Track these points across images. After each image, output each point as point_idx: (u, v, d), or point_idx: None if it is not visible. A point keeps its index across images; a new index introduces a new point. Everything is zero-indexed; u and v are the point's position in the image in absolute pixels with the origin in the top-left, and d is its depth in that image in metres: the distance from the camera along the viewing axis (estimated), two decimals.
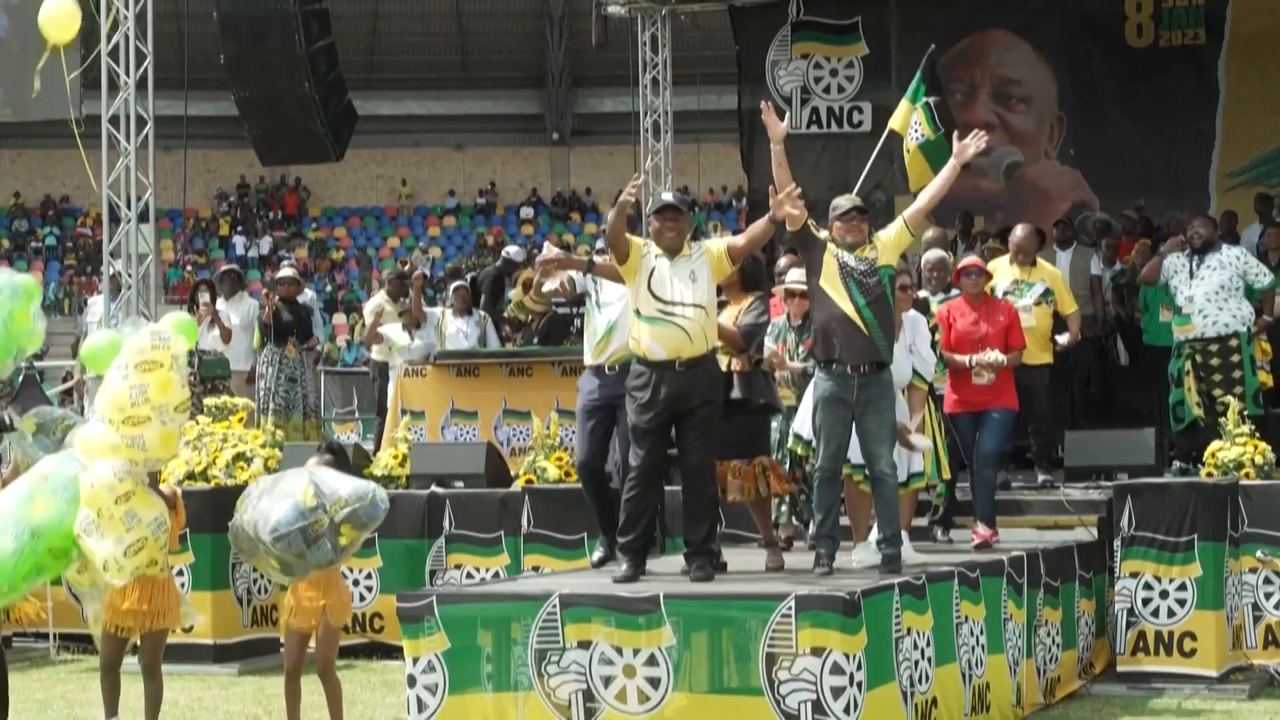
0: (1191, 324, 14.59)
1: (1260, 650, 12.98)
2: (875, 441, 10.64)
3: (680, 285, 10.24)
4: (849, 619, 9.23)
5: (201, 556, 14.35)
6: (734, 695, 9.30)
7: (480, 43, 43.24)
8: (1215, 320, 14.48)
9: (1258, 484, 13.17)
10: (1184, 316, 14.64)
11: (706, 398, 10.22)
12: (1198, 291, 14.54)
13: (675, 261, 10.30)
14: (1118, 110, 22.25)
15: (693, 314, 10.20)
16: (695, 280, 10.25)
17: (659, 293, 10.25)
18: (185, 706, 12.45)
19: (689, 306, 10.20)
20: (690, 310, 10.20)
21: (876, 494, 10.87)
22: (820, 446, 10.82)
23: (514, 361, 16.74)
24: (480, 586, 10.85)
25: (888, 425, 10.69)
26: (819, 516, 10.82)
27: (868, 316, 10.49)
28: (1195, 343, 14.60)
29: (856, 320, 10.50)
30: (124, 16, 17.45)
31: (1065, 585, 12.57)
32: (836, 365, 10.57)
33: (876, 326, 10.52)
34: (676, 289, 10.23)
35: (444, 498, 14.76)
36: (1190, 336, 14.61)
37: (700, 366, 10.20)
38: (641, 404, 10.23)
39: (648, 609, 9.50)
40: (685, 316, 10.19)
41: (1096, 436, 14.73)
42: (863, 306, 10.49)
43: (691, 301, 10.20)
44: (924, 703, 10.19)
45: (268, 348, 17.58)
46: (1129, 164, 21.62)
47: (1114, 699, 12.32)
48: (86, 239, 40.15)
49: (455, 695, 9.81)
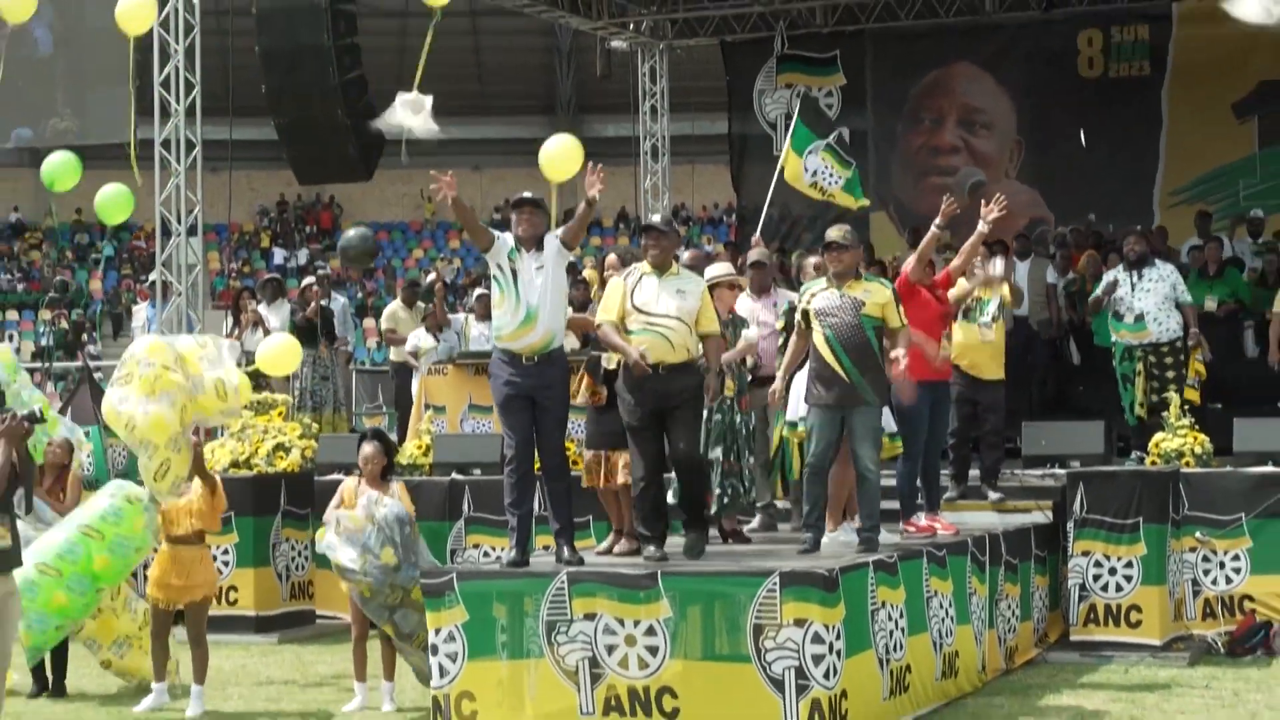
0: (1147, 330, 14.59)
1: (1199, 621, 12.98)
2: (859, 441, 10.56)
3: (666, 299, 10.14)
4: (828, 593, 9.25)
5: (244, 536, 14.38)
6: (725, 662, 9.32)
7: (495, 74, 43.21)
8: (1166, 327, 14.56)
9: (1196, 471, 13.18)
10: (1139, 324, 14.65)
11: (688, 397, 10.09)
12: (1149, 303, 14.56)
13: (663, 279, 10.19)
14: (1071, 135, 22.24)
15: (674, 325, 10.09)
16: (682, 296, 10.14)
17: (643, 307, 10.13)
18: (230, 672, 12.45)
19: (671, 319, 10.10)
20: (673, 322, 10.10)
21: (860, 489, 10.78)
22: (810, 444, 10.80)
23: None
24: (496, 565, 10.80)
25: (871, 427, 10.60)
26: (807, 507, 10.74)
27: (842, 356, 10.40)
28: (1148, 347, 14.62)
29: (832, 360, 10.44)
30: (174, 50, 17.46)
31: (1023, 563, 12.56)
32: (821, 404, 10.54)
33: (852, 366, 10.40)
34: (662, 302, 10.14)
35: (463, 484, 14.77)
36: (1144, 342, 14.62)
37: (682, 370, 10.07)
38: (630, 405, 10.12)
39: (647, 584, 9.51)
40: (668, 327, 10.10)
41: (1051, 428, 14.71)
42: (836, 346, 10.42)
43: (674, 315, 10.09)
44: (899, 669, 10.21)
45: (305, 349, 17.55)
46: (1081, 183, 21.60)
47: (1067, 665, 12.32)
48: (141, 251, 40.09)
49: (473, 662, 9.82)
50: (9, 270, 42.15)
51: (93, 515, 11.42)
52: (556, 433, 10.09)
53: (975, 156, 22.98)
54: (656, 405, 10.07)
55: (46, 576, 11.03)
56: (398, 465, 14.26)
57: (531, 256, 9.98)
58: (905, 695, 10.27)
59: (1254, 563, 12.82)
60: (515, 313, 9.91)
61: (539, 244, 10.00)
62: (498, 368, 10.07)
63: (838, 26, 23.31)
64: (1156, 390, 14.36)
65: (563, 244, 10.14)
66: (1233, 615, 12.94)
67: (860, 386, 10.44)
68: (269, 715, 11.21)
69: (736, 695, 9.26)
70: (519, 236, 10.04)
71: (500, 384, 10.05)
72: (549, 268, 9.98)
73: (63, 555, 11.15)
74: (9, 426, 9.07)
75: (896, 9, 22.89)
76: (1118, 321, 14.81)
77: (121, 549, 11.40)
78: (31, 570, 10.69)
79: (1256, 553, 12.78)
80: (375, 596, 10.48)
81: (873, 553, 10.27)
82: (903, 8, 22.88)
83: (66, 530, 11.34)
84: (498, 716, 9.73)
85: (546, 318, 9.93)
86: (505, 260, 9.99)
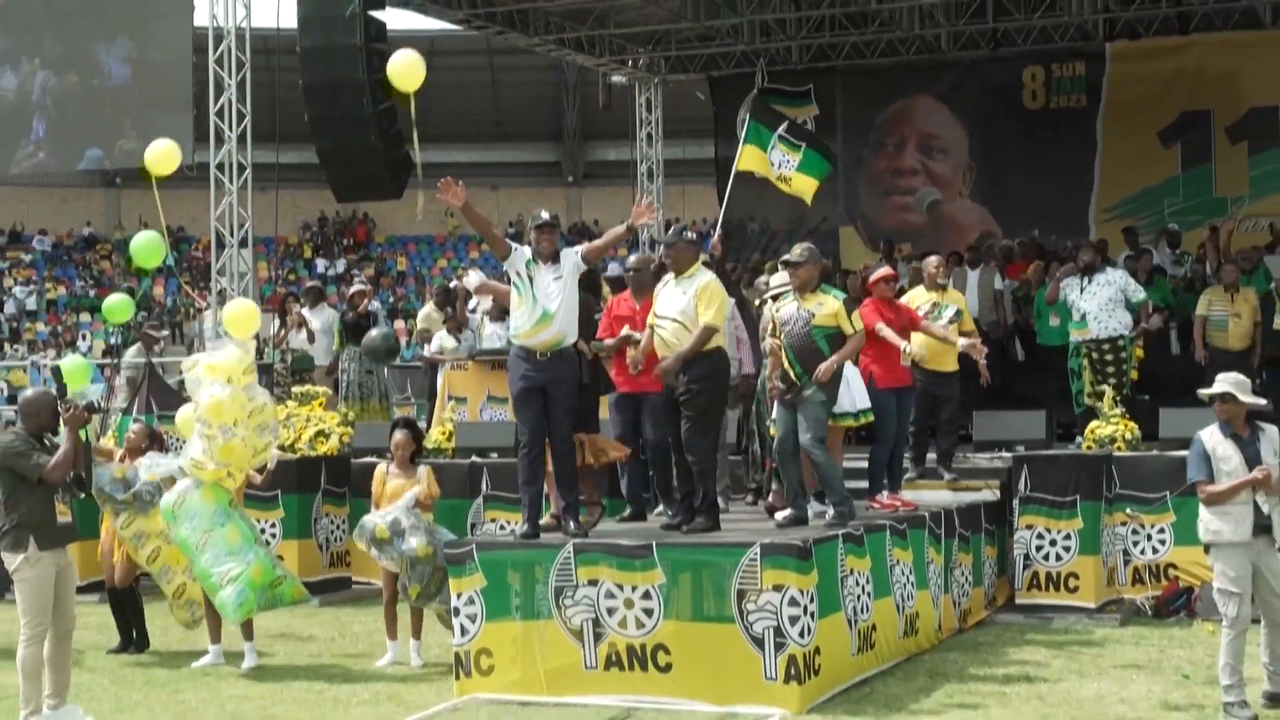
0: (1088, 328, 14.68)
1: (1129, 587, 12.96)
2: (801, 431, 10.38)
3: (670, 301, 10.14)
4: (803, 562, 9.24)
5: (289, 512, 14.37)
6: (712, 623, 9.30)
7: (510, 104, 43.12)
8: (1107, 326, 14.62)
9: (1127, 455, 13.17)
10: (1082, 323, 14.70)
11: (688, 386, 10.00)
12: (1092, 304, 14.66)
13: (679, 281, 10.18)
14: (1017, 159, 22.26)
15: (669, 325, 10.08)
16: (684, 296, 10.09)
17: (657, 310, 10.20)
18: (276, 633, 12.42)
19: (668, 320, 10.10)
20: (668, 322, 10.10)
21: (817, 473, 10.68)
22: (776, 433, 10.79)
23: None
24: (511, 537, 10.78)
25: (813, 418, 10.38)
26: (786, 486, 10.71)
27: (790, 355, 10.36)
28: (1091, 343, 14.67)
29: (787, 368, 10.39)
30: (228, 84, 17.46)
31: (974, 535, 12.55)
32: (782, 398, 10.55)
33: (796, 360, 10.33)
34: (666, 305, 10.14)
35: (482, 466, 14.73)
36: (1087, 339, 14.69)
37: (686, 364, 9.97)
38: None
39: (643, 554, 9.49)
40: (664, 327, 10.11)
41: (999, 417, 14.69)
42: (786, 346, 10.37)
43: (671, 316, 10.08)
44: (866, 629, 10.19)
45: (348, 347, 17.50)
46: (1025, 201, 21.60)
47: (1013, 626, 12.30)
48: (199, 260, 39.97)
49: (491, 622, 9.80)
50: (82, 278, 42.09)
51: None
52: (565, 421, 10.02)
53: (932, 178, 23.02)
54: (668, 394, 10.12)
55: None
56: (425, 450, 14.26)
57: (549, 268, 9.92)
58: (871, 652, 10.25)
59: (1177, 535, 12.79)
60: (531, 314, 9.87)
61: (555, 258, 9.96)
62: (515, 363, 10.02)
63: (811, 63, 23.32)
64: (1100, 382, 14.40)
65: (582, 258, 10.12)
66: (1159, 581, 12.93)
67: (798, 374, 10.35)
68: (312, 669, 11.19)
69: (722, 652, 9.25)
70: (538, 251, 9.98)
71: (516, 377, 9.99)
72: (566, 278, 9.94)
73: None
74: (73, 415, 9.15)
75: (863, 48, 22.92)
76: (1069, 321, 14.87)
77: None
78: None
79: (1179, 527, 12.74)
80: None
81: (843, 526, 10.26)
82: (869, 47, 22.90)
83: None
84: (512, 671, 9.71)
85: (560, 320, 9.88)
86: (523, 268, 9.95)
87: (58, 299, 40.59)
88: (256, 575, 10.77)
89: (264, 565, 10.85)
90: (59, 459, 9.09)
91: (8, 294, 40.38)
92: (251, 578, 10.74)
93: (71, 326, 39.31)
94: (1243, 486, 8.61)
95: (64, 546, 9.26)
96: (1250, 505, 8.62)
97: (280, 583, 10.95)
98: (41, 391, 9.98)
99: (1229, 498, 8.65)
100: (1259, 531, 8.65)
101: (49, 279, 41.37)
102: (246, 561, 10.77)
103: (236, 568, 10.73)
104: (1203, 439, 8.84)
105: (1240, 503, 8.66)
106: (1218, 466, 8.70)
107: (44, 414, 9.36)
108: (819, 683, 9.34)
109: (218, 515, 10.87)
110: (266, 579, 10.82)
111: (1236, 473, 8.65)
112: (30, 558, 9.03)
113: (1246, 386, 8.84)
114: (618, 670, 9.46)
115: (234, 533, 10.85)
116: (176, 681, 10.87)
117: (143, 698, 10.26)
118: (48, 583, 9.08)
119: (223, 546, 10.81)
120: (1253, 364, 15.55)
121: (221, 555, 10.78)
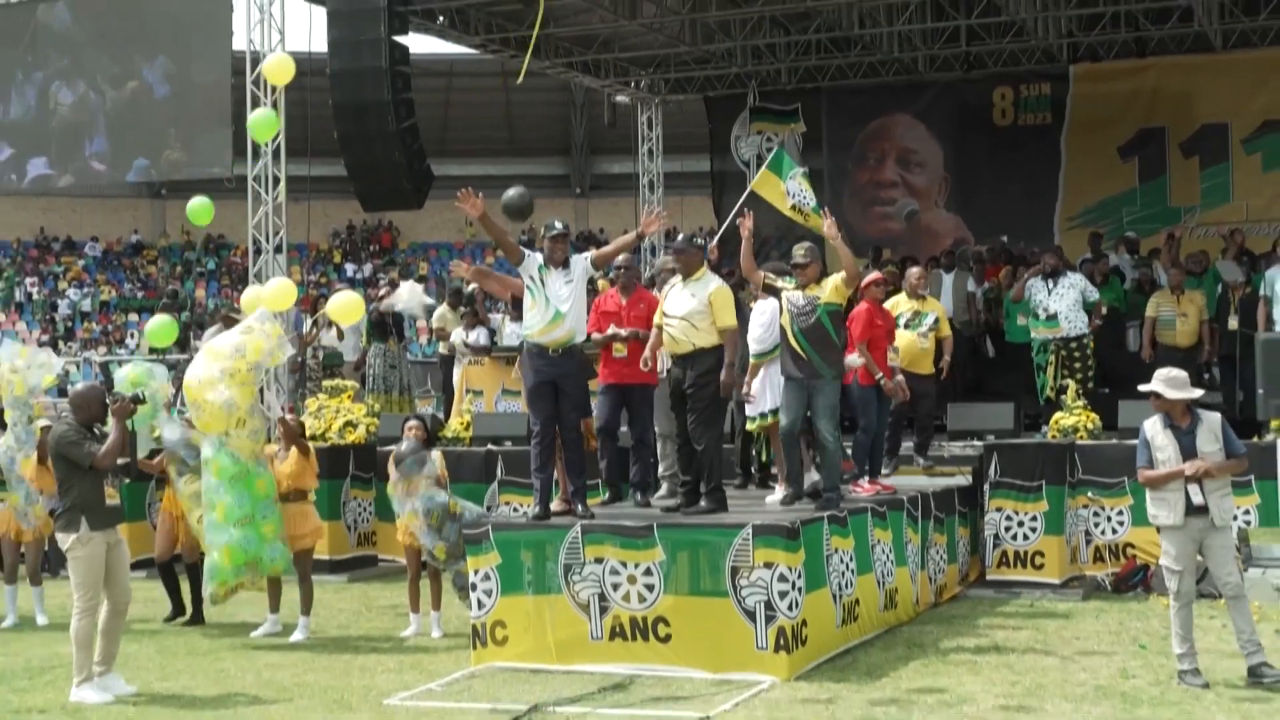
0: (1059, 327, 14.69)
1: (1090, 564, 12.99)
2: (818, 415, 10.47)
3: (678, 303, 10.09)
4: (791, 541, 9.23)
5: (320, 496, 14.15)
6: (708, 597, 9.29)
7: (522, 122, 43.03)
8: (1074, 325, 14.66)
9: (1089, 444, 13.19)
10: (1052, 322, 14.70)
11: (694, 380, 9.98)
12: (1061, 305, 14.71)
13: (686, 284, 10.14)
14: (988, 172, 22.25)
15: (677, 324, 10.04)
16: (693, 298, 10.04)
17: (667, 310, 10.17)
18: None
19: (676, 319, 10.06)
20: (676, 322, 10.05)
21: (822, 458, 10.69)
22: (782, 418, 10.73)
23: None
24: (523, 519, 10.77)
25: (829, 404, 10.47)
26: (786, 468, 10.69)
27: (803, 343, 10.38)
28: (1059, 341, 14.67)
29: (796, 346, 10.42)
30: (264, 102, 17.41)
31: (949, 517, 12.54)
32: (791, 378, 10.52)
33: (811, 349, 10.38)
34: (675, 306, 10.11)
35: (497, 453, 14.75)
36: (1056, 337, 14.69)
37: (690, 359, 9.99)
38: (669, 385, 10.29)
39: (645, 534, 9.49)
40: (673, 326, 10.08)
41: (971, 408, 14.72)
42: (799, 335, 10.39)
43: (681, 316, 10.03)
44: (849, 602, 10.19)
45: (375, 344, 17.49)
46: (995, 210, 21.59)
47: (984, 599, 12.29)
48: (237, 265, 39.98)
49: (505, 597, 9.79)
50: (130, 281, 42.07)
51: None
52: (574, 413, 10.00)
53: (911, 189, 23.01)
54: (675, 388, 10.11)
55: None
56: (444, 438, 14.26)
57: (560, 273, 9.91)
58: (855, 624, 10.25)
59: (1134, 517, 12.82)
60: (544, 314, 9.86)
61: (566, 263, 9.94)
62: (528, 358, 10.00)
63: (799, 84, 23.33)
64: (1067, 376, 14.40)
65: (591, 264, 10.14)
66: (1118, 559, 12.97)
67: (818, 363, 10.39)
68: (341, 639, 11.19)
69: (717, 624, 9.24)
70: (550, 257, 9.95)
71: (530, 372, 9.98)
72: (576, 282, 9.94)
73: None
74: (120, 406, 9.25)
75: (847, 70, 22.91)
76: (1035, 320, 14.85)
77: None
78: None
79: (1136, 509, 12.77)
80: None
81: (829, 509, 10.25)
82: (852, 69, 22.89)
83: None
84: (524, 641, 9.70)
85: (570, 320, 9.87)
86: (535, 273, 9.94)
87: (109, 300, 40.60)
88: (225, 558, 10.81)
89: (234, 549, 10.84)
90: (108, 447, 9.13)
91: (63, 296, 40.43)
92: (219, 560, 10.83)
93: (121, 326, 39.36)
94: (1172, 477, 8.68)
95: (114, 526, 9.32)
96: (1182, 492, 8.69)
97: (257, 562, 10.94)
98: (91, 385, 10.00)
99: (1161, 484, 8.74)
100: (1192, 513, 8.70)
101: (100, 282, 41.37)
102: (222, 542, 10.80)
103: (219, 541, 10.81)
104: (1145, 429, 8.91)
105: (1173, 489, 8.73)
106: (1155, 455, 8.78)
107: (94, 406, 9.40)
108: (806, 652, 9.34)
109: (216, 489, 10.87)
110: (236, 560, 10.84)
111: (1170, 460, 8.70)
112: (82, 537, 9.08)
113: (1179, 382, 8.85)
114: (621, 641, 9.45)
115: (220, 510, 10.87)
116: (217, 651, 10.87)
117: (185, 666, 10.26)
118: (99, 560, 9.13)
119: (210, 520, 10.93)
120: (1200, 359, 15.57)
121: (211, 526, 10.92)
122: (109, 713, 8.71)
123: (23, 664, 10.48)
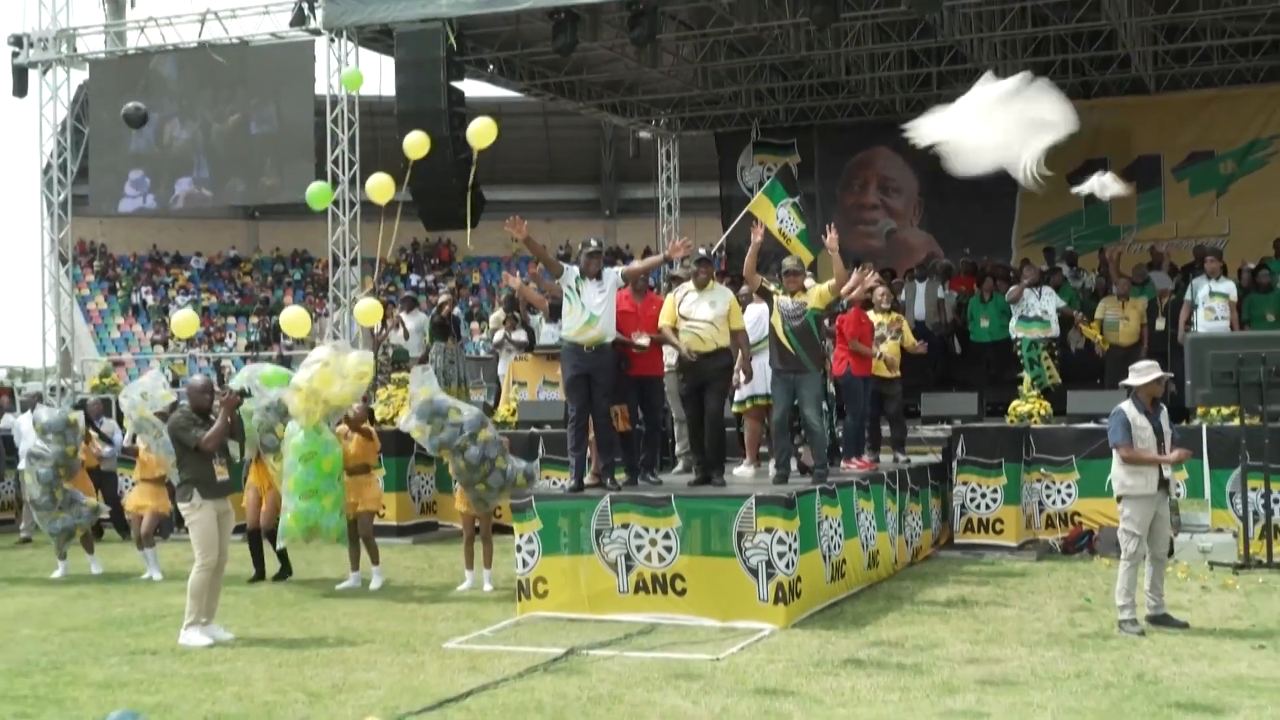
0: (1051, 328, 14.95)
1: (1043, 530, 12.96)
2: (805, 404, 10.43)
3: (702, 307, 10.26)
4: (788, 510, 9.25)
5: (390, 470, 14.42)
6: (717, 557, 9.31)
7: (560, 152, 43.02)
8: (1056, 327, 14.95)
9: (1042, 427, 13.16)
10: (1044, 324, 14.91)
11: (716, 374, 10.20)
12: (1050, 308, 14.97)
13: (702, 293, 10.30)
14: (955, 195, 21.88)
15: (704, 325, 10.20)
16: (714, 305, 10.24)
17: (686, 314, 10.26)
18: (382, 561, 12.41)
19: (703, 322, 10.20)
20: (702, 324, 10.20)
21: (810, 441, 10.68)
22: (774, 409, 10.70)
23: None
24: (561, 490, 10.80)
25: (814, 394, 10.46)
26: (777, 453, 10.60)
27: (793, 341, 10.36)
28: (1048, 340, 14.96)
29: (786, 344, 10.40)
30: (341, 138, 17.51)
31: (923, 489, 12.53)
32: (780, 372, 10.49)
33: (799, 346, 10.35)
34: (699, 310, 10.25)
35: (539, 435, 14.78)
36: (1047, 336, 14.94)
37: (712, 356, 10.20)
38: (680, 380, 10.48)
39: (664, 504, 9.51)
40: (699, 326, 10.19)
41: (941, 397, 14.70)
42: (790, 334, 10.37)
43: (706, 319, 10.20)
44: (837, 562, 10.19)
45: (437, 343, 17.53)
46: (962, 229, 21.48)
47: (954, 560, 12.29)
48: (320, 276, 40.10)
49: (545, 557, 9.82)
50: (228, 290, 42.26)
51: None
52: (604, 401, 10.05)
53: (889, 211, 22.91)
54: (697, 380, 10.21)
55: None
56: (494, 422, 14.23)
57: (594, 284, 9.98)
58: (842, 580, 10.25)
59: (1080, 489, 12.79)
60: (580, 318, 9.95)
61: (599, 276, 10.01)
62: (566, 356, 10.09)
63: (795, 122, 23.28)
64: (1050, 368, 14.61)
65: (622, 276, 10.21)
66: (1066, 526, 12.92)
67: (804, 359, 10.35)
68: (406, 592, 11.24)
69: (725, 580, 9.26)
70: (585, 270, 10.02)
71: (568, 367, 10.07)
72: (608, 291, 10.02)
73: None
74: (228, 398, 9.35)
75: (836, 110, 22.87)
76: (1025, 321, 14.92)
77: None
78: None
79: (1082, 483, 12.76)
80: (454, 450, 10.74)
81: (820, 483, 10.25)
82: (840, 110, 22.84)
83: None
84: (562, 594, 9.73)
85: (602, 323, 9.95)
86: (573, 283, 10.01)
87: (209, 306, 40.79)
88: (293, 521, 10.79)
89: (299, 515, 10.78)
90: (212, 432, 9.17)
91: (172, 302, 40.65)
92: (289, 522, 10.81)
93: (220, 327, 39.57)
94: (1164, 461, 8.79)
95: (223, 497, 9.33)
96: (1157, 468, 8.81)
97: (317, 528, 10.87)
98: (203, 378, 10.05)
99: (1150, 462, 8.79)
100: (1161, 486, 8.85)
101: (203, 290, 41.56)
102: (291, 508, 10.81)
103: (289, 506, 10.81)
104: (1125, 410, 8.91)
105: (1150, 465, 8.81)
106: (1137, 434, 8.83)
107: (203, 396, 9.45)
108: (800, 604, 9.35)
109: (292, 465, 10.87)
110: (301, 524, 10.78)
111: (1150, 440, 8.81)
112: (195, 504, 9.16)
113: (1154, 368, 8.98)
114: (644, 594, 9.47)
115: (292, 481, 10.86)
116: (302, 601, 10.92)
117: (275, 615, 10.31)
118: (211, 524, 9.20)
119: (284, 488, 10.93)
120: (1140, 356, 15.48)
121: (285, 494, 10.93)
122: (210, 654, 8.76)
123: (139, 612, 10.55)
